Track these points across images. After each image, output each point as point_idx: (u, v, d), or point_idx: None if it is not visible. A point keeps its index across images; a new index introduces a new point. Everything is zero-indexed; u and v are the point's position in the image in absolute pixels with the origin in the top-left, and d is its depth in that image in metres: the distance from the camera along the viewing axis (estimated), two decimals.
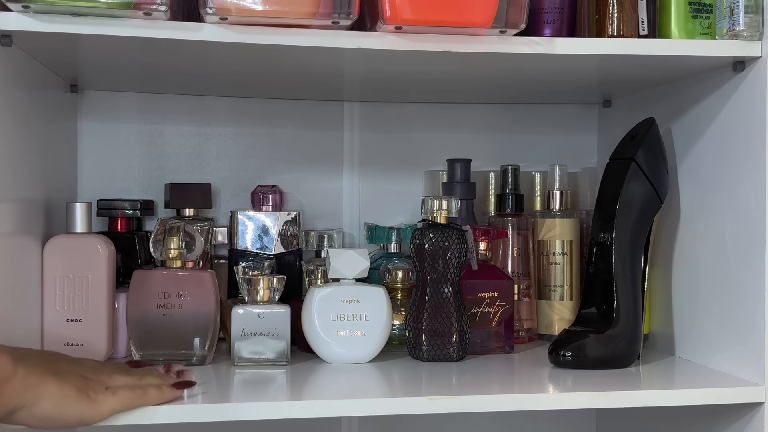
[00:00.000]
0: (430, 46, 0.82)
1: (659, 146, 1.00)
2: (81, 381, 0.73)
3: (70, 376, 0.72)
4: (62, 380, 0.71)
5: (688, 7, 0.90)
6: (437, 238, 0.95)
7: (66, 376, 0.72)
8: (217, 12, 0.77)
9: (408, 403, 0.80)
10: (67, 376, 0.72)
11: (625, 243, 0.96)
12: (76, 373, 0.73)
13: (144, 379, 0.79)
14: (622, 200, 0.96)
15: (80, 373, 0.74)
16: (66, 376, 0.72)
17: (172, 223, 0.94)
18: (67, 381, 0.71)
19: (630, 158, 0.97)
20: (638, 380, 0.91)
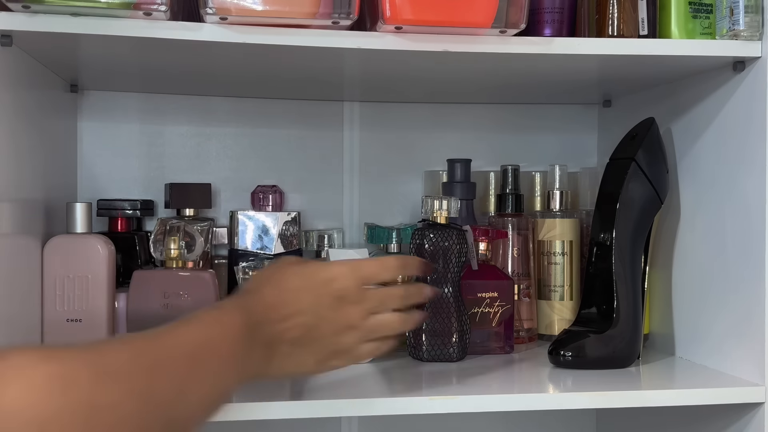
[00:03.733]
0: (430, 46, 0.82)
1: (659, 146, 1.00)
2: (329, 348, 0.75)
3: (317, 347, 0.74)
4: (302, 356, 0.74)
5: (688, 7, 0.90)
6: (437, 238, 0.95)
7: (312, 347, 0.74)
8: (217, 12, 0.77)
9: (408, 403, 0.80)
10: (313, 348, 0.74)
11: (625, 243, 0.96)
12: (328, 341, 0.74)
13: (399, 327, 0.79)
14: (622, 200, 0.96)
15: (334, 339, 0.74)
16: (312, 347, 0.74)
17: (172, 223, 0.94)
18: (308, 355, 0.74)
19: (630, 158, 0.97)
20: (638, 380, 0.91)
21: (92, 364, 0.53)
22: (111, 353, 0.56)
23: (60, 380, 0.50)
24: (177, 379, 0.60)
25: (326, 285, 0.74)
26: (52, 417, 0.48)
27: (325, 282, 0.74)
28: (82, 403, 0.50)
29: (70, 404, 0.50)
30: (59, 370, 0.50)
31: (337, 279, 0.74)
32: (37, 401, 0.48)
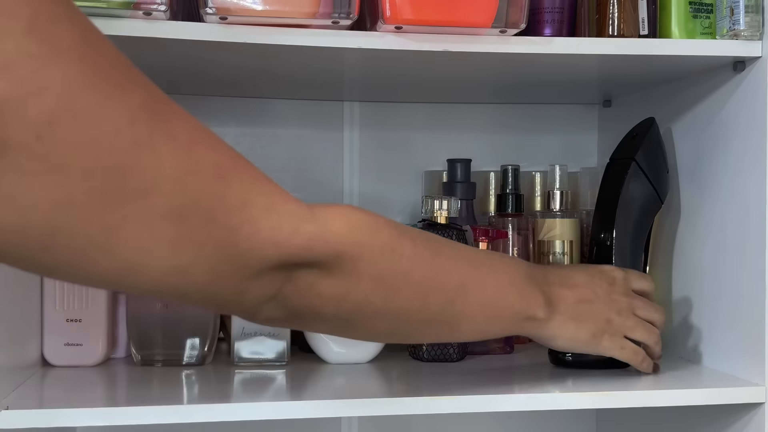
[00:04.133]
0: (430, 45, 0.82)
1: (659, 146, 1.00)
2: (602, 325, 0.83)
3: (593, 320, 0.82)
4: (580, 326, 0.81)
5: (689, 7, 0.90)
6: None
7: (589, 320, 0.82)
8: (217, 12, 0.77)
9: (408, 403, 0.80)
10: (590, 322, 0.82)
11: (626, 243, 0.96)
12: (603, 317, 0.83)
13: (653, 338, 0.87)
14: (622, 200, 0.96)
15: (608, 316, 0.83)
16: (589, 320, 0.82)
17: None
18: (585, 327, 0.82)
19: (630, 158, 0.97)
20: (638, 380, 0.91)
21: (396, 227, 0.68)
22: (412, 229, 0.71)
23: (373, 224, 0.65)
24: (461, 271, 0.71)
25: (600, 272, 0.85)
26: (365, 245, 0.64)
27: (599, 270, 0.86)
28: (386, 245, 0.65)
29: (378, 242, 0.64)
30: (373, 219, 0.66)
31: (609, 270, 0.86)
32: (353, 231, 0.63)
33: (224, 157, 0.57)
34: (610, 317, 0.83)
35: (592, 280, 0.84)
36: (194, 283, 0.56)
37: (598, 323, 0.82)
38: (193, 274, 0.55)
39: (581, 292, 0.82)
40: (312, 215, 0.61)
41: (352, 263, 0.63)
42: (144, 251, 0.52)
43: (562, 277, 0.82)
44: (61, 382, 0.88)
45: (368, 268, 0.64)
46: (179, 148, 0.54)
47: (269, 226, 0.57)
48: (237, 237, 0.56)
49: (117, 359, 0.97)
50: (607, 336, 0.83)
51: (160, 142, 0.52)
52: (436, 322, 0.71)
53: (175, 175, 0.52)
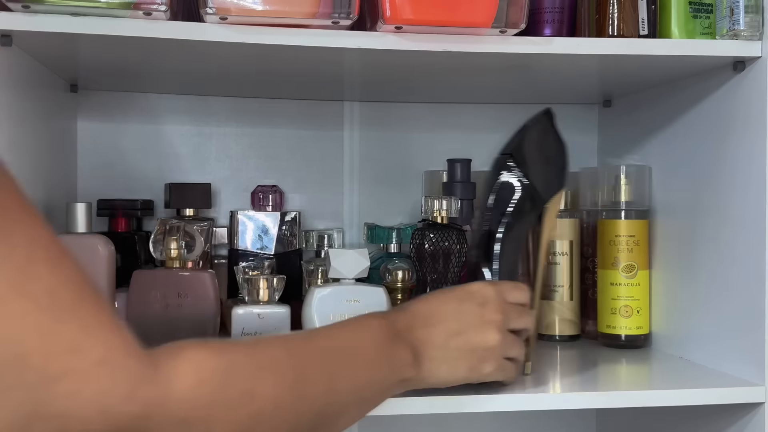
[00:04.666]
0: (430, 45, 0.82)
1: (547, 139, 0.92)
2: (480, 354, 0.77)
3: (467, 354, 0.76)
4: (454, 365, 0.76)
5: (688, 7, 0.90)
6: (437, 238, 0.95)
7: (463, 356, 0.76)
8: (217, 12, 0.77)
9: (408, 403, 0.80)
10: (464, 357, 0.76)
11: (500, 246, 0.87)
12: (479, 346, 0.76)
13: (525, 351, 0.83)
14: (497, 199, 0.88)
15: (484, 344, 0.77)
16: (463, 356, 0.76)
17: (172, 223, 0.94)
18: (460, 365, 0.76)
19: (508, 154, 0.90)
20: (638, 380, 0.91)
21: (252, 358, 0.59)
22: (267, 349, 0.62)
23: (225, 372, 0.55)
24: (327, 374, 0.65)
25: (469, 295, 0.78)
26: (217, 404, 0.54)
27: (468, 293, 0.78)
28: (244, 393, 0.56)
29: (233, 393, 0.55)
30: (224, 363, 0.56)
31: (479, 290, 0.79)
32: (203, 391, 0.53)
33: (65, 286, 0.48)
34: (486, 344, 0.77)
35: (461, 308, 0.77)
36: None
37: (474, 354, 0.77)
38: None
39: (450, 327, 0.76)
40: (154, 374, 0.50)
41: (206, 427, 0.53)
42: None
43: (426, 316, 0.76)
44: None
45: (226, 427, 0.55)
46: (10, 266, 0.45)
47: (98, 387, 0.47)
48: (54, 391, 0.46)
49: None
50: (486, 364, 0.77)
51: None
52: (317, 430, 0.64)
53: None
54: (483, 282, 0.82)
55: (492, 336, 0.77)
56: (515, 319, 0.80)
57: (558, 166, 0.93)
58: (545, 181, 0.90)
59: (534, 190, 0.89)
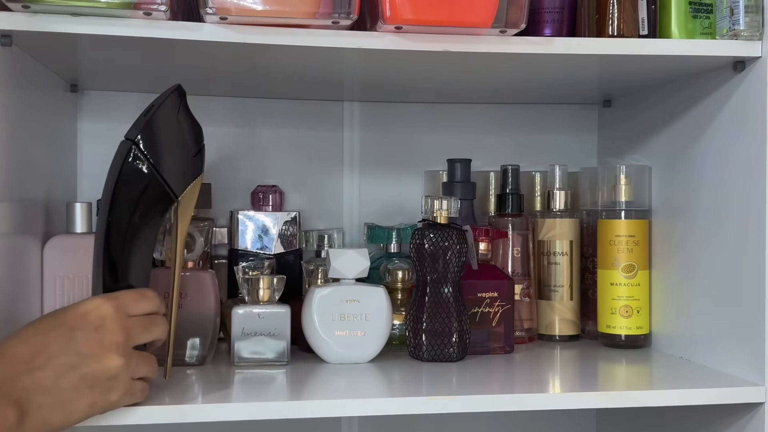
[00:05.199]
0: (430, 45, 0.82)
1: (181, 122, 0.82)
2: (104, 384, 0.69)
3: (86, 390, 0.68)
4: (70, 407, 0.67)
5: (689, 7, 0.90)
6: (437, 238, 0.95)
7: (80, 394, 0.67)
8: (217, 12, 0.77)
9: (408, 403, 0.80)
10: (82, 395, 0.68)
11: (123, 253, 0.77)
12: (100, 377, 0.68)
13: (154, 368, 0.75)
14: (117, 194, 0.77)
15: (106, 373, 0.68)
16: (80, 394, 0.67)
17: (172, 223, 0.94)
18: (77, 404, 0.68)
19: (131, 140, 0.78)
20: (638, 380, 0.91)
21: None
22: None
23: None
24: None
25: (82, 318, 0.69)
26: None
27: (79, 316, 0.69)
28: None
29: None
30: None
31: (93, 310, 0.69)
32: None
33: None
34: (108, 372, 0.68)
35: (72, 336, 0.67)
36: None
37: (94, 388, 0.68)
38: None
39: (59, 364, 0.66)
40: None
41: None
42: None
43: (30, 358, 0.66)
44: None
45: None
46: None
47: None
48: None
49: None
50: (111, 394, 0.69)
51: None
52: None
53: None
54: (99, 298, 0.71)
55: (114, 362, 0.69)
56: (141, 333, 0.72)
57: (192, 152, 0.82)
58: (177, 170, 0.80)
59: (164, 181, 0.78)
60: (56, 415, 0.67)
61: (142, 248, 0.78)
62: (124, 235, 0.77)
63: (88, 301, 0.70)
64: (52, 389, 0.66)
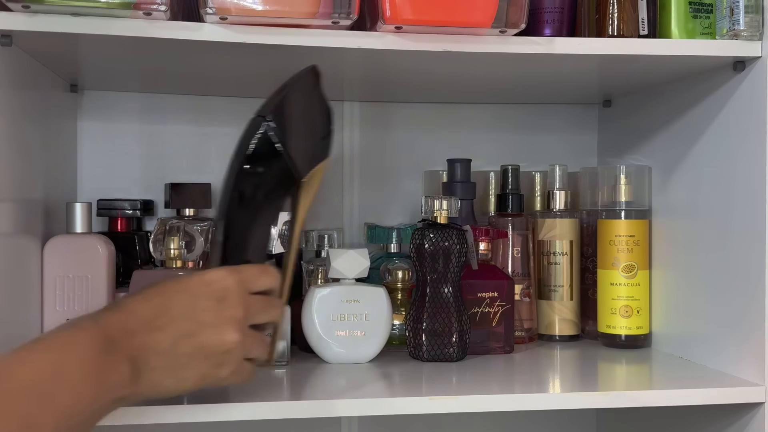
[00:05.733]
0: (430, 45, 0.82)
1: (314, 103, 0.81)
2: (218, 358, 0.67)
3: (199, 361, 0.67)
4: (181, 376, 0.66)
5: (688, 7, 0.90)
6: (437, 238, 0.95)
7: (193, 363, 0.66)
8: (217, 12, 0.77)
9: (408, 403, 0.80)
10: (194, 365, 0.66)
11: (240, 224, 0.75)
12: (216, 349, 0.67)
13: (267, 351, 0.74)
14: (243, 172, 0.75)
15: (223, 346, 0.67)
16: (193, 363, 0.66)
17: (172, 223, 0.95)
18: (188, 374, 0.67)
19: (261, 116, 0.77)
20: (638, 380, 0.91)
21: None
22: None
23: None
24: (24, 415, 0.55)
25: (206, 287, 0.67)
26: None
27: (204, 284, 0.68)
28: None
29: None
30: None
31: (217, 280, 0.68)
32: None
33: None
34: (224, 347, 0.67)
35: (195, 303, 0.67)
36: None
37: (208, 360, 0.67)
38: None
39: (179, 328, 0.66)
40: None
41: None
42: None
43: (151, 318, 0.65)
44: None
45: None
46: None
47: None
48: None
49: None
50: (222, 369, 0.68)
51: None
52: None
53: None
54: (223, 269, 0.69)
55: (231, 337, 0.67)
56: (259, 313, 0.71)
57: (321, 134, 0.81)
58: (305, 151, 0.78)
59: (291, 160, 0.76)
60: (168, 380, 0.66)
61: (262, 226, 0.76)
62: (246, 211, 0.74)
63: (213, 271, 0.69)
64: (168, 353, 0.65)
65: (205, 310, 0.67)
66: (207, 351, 0.67)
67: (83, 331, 0.62)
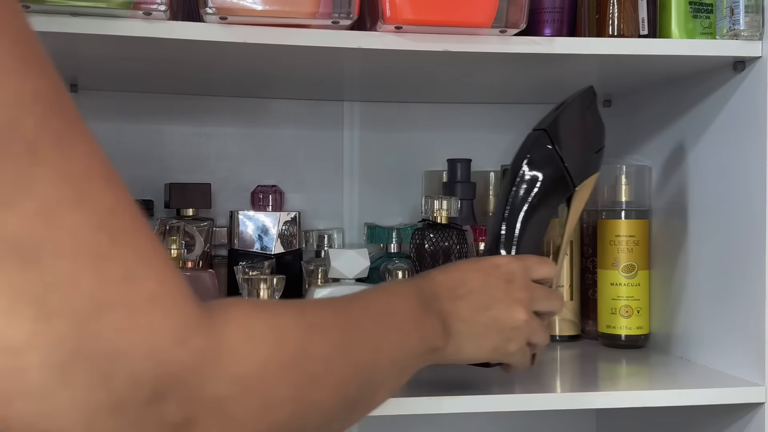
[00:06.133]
0: (430, 45, 0.82)
1: (588, 119, 0.89)
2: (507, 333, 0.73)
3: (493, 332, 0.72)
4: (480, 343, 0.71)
5: (689, 7, 0.90)
6: (437, 238, 0.95)
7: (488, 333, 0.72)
8: (217, 12, 0.77)
9: (408, 403, 0.80)
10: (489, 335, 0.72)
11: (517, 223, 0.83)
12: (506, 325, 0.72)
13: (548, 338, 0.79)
14: (522, 175, 0.83)
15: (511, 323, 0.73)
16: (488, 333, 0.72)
17: (172, 223, 0.95)
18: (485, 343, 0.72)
19: (542, 129, 0.85)
20: (638, 380, 0.91)
21: (303, 317, 0.54)
22: (314, 309, 0.58)
23: (276, 329, 0.51)
24: (371, 338, 0.60)
25: (496, 268, 0.74)
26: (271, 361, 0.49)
27: (494, 266, 0.74)
28: (296, 350, 0.51)
29: (285, 350, 0.50)
30: (274, 321, 0.51)
31: (505, 264, 0.75)
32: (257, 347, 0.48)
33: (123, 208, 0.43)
34: (514, 323, 0.73)
35: (487, 281, 0.73)
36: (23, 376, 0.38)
37: (500, 333, 0.72)
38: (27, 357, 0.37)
39: (477, 300, 0.71)
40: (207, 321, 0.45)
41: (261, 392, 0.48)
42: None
43: (452, 287, 0.71)
44: None
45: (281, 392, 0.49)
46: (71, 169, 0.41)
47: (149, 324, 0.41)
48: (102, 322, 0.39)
49: None
50: (511, 344, 0.73)
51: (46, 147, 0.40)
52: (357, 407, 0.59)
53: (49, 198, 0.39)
54: (508, 256, 0.78)
55: (519, 314, 0.73)
56: (541, 300, 0.76)
57: (594, 148, 0.88)
58: (580, 162, 0.86)
59: (566, 171, 0.84)
60: (468, 346, 0.71)
61: (536, 226, 0.83)
62: (522, 213, 0.82)
63: (499, 257, 0.77)
64: (469, 321, 0.70)
65: (496, 287, 0.73)
66: (499, 324, 0.72)
67: (406, 287, 0.69)
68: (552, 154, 0.84)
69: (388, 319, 0.63)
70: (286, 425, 0.50)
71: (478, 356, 0.73)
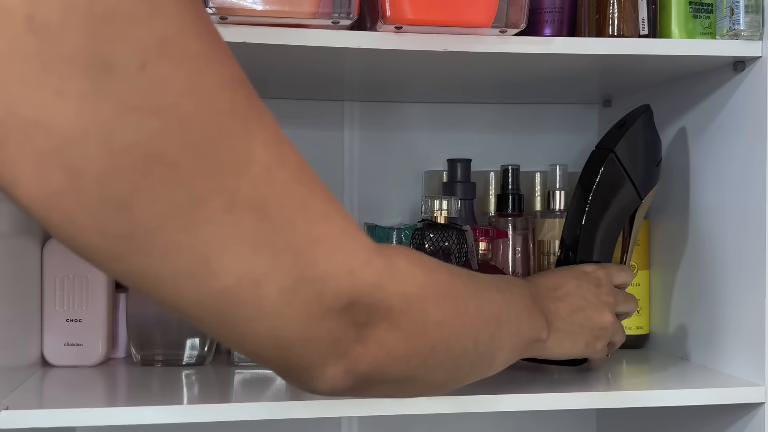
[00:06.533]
0: (430, 45, 0.82)
1: (647, 137, 0.94)
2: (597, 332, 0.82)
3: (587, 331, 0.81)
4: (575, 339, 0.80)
5: (689, 7, 0.90)
6: (437, 238, 0.95)
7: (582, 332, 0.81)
8: (217, 12, 0.77)
9: (408, 403, 0.80)
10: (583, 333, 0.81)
11: (594, 238, 0.91)
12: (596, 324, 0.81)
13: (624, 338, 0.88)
14: (595, 193, 0.91)
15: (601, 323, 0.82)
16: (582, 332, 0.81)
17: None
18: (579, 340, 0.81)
19: (609, 149, 0.92)
20: (638, 380, 0.91)
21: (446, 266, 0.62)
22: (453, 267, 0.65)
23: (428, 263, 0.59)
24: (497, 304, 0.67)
25: (585, 275, 0.83)
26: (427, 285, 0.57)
27: (583, 273, 0.83)
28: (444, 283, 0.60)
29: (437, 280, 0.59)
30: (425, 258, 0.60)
31: (592, 271, 0.84)
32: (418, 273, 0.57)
33: (306, 165, 0.53)
34: (603, 323, 0.82)
35: (580, 285, 0.82)
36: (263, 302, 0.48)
37: (591, 332, 0.81)
38: (266, 286, 0.47)
39: (572, 302, 0.80)
40: (380, 251, 0.54)
41: (421, 309, 0.56)
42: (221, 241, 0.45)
43: (551, 289, 0.80)
44: (61, 382, 0.88)
45: (434, 314, 0.57)
46: (270, 137, 0.49)
47: (346, 249, 0.51)
48: (316, 252, 0.49)
49: (117, 359, 0.97)
50: (599, 342, 0.83)
51: (253, 121, 0.47)
52: (482, 361, 0.66)
53: (265, 162, 0.47)
54: (593, 264, 0.86)
55: (608, 317, 0.82)
56: (623, 303, 0.85)
57: (655, 162, 0.95)
58: (644, 177, 0.93)
59: (634, 186, 0.92)
60: (566, 342, 0.79)
61: (609, 237, 0.92)
62: (596, 226, 0.91)
63: (586, 265, 0.85)
64: (567, 319, 0.79)
65: (588, 290, 0.82)
66: (591, 324, 0.81)
67: (519, 282, 0.77)
68: (621, 173, 0.91)
69: (508, 296, 0.70)
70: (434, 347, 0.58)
71: (573, 351, 0.81)
